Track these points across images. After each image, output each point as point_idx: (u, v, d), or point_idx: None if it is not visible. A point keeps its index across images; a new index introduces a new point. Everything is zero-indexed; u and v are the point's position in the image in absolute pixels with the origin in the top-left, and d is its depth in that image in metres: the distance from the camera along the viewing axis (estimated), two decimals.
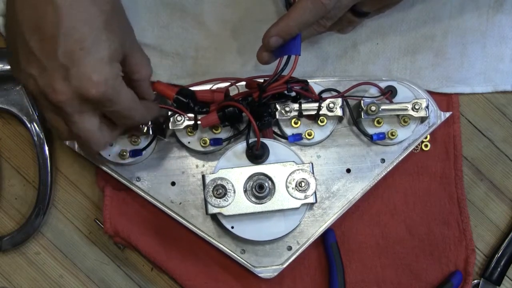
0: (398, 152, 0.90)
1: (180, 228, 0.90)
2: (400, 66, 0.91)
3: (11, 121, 0.94)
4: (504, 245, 0.91)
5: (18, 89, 0.91)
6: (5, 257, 0.93)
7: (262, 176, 0.85)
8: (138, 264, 0.93)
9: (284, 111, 0.86)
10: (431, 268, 0.91)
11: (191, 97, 0.85)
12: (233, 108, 0.84)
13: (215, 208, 0.84)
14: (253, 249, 0.89)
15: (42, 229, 0.93)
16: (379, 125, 0.88)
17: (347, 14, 0.84)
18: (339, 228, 0.91)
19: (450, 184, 0.91)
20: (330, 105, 0.86)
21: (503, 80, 0.92)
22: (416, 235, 0.91)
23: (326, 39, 0.91)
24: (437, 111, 0.90)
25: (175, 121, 0.86)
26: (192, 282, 0.90)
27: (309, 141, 0.88)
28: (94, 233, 0.93)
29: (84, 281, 0.93)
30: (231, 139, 0.88)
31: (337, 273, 0.89)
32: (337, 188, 0.89)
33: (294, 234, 0.89)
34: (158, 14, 0.91)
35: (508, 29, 0.91)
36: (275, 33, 0.80)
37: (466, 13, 0.91)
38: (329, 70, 0.92)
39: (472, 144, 0.93)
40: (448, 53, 0.91)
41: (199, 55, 0.92)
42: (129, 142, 0.88)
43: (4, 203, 0.94)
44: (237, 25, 0.91)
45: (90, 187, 0.93)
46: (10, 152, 0.94)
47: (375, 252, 0.91)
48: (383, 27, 0.91)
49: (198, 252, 0.91)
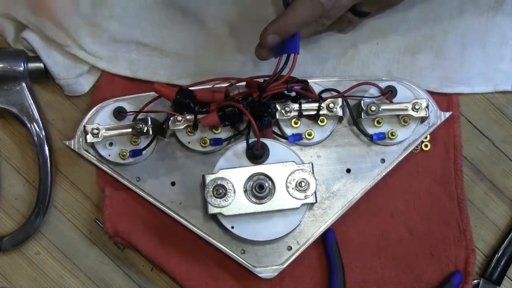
0: (398, 152, 0.90)
1: (180, 228, 0.90)
2: (400, 66, 0.91)
3: (11, 121, 0.94)
4: (504, 245, 0.91)
5: (18, 89, 0.91)
6: (5, 257, 0.93)
7: (262, 176, 0.85)
8: (138, 264, 0.93)
9: (284, 111, 0.86)
10: (431, 268, 0.91)
11: (191, 97, 0.85)
12: (233, 108, 0.84)
13: (215, 208, 0.84)
14: (253, 249, 0.89)
15: (42, 229, 0.93)
16: (379, 125, 0.88)
17: (347, 14, 0.84)
18: (339, 228, 0.91)
19: (450, 184, 0.91)
20: (330, 105, 0.86)
21: (503, 80, 0.92)
22: (416, 235, 0.91)
23: (326, 39, 0.91)
24: (437, 111, 0.90)
25: (175, 121, 0.86)
26: (192, 282, 0.90)
27: (309, 141, 0.88)
28: (94, 233, 0.93)
29: (84, 281, 0.93)
30: (231, 139, 0.88)
31: (337, 273, 0.89)
32: (337, 188, 0.89)
33: (294, 234, 0.89)
34: (158, 14, 0.91)
35: (508, 29, 0.91)
36: (272, 31, 0.80)
37: (466, 13, 0.91)
38: (329, 70, 0.91)
39: (472, 144, 0.93)
40: (448, 53, 0.91)
41: (199, 55, 0.92)
42: (129, 142, 0.88)
43: (4, 203, 0.94)
44: (237, 25, 0.91)
45: (90, 187, 0.93)
46: (10, 152, 0.94)
47: (375, 252, 0.91)
48: (383, 27, 0.91)
49: (198, 252, 0.91)
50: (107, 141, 0.88)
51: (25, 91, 0.91)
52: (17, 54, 0.91)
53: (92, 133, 0.87)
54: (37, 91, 0.93)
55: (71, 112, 0.94)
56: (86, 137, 0.87)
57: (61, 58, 0.91)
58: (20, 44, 0.92)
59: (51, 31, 0.90)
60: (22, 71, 0.90)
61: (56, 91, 0.94)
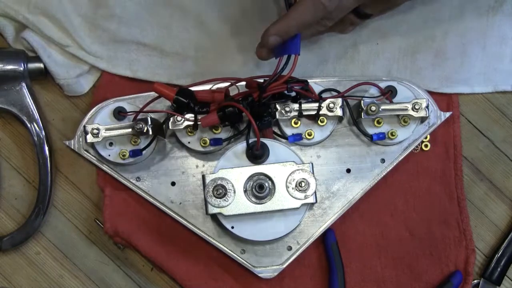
0: (398, 152, 0.90)
1: (180, 228, 0.90)
2: (400, 66, 0.91)
3: (11, 121, 0.94)
4: (504, 245, 0.91)
5: (18, 89, 0.91)
6: (5, 257, 0.93)
7: (262, 176, 0.85)
8: (138, 264, 0.93)
9: (284, 111, 0.86)
10: (431, 268, 0.90)
11: (191, 97, 0.85)
12: (233, 108, 0.84)
13: (215, 208, 0.84)
14: (253, 249, 0.89)
15: (42, 229, 0.93)
16: (379, 125, 0.88)
17: (349, 16, 0.84)
18: (339, 228, 0.91)
19: (450, 184, 0.91)
20: (330, 105, 0.86)
21: (503, 80, 0.92)
22: (416, 235, 0.91)
23: (326, 39, 0.91)
24: (437, 111, 0.90)
25: (175, 121, 0.86)
26: (192, 282, 0.90)
27: (309, 141, 0.88)
28: (94, 233, 0.93)
29: (84, 281, 0.93)
30: (231, 139, 0.88)
31: (337, 273, 0.89)
32: (337, 188, 0.89)
33: (294, 234, 0.89)
34: (158, 14, 0.91)
35: (508, 29, 0.91)
36: (274, 32, 0.80)
37: (466, 13, 0.91)
38: (329, 70, 0.91)
39: (472, 144, 0.93)
40: (448, 53, 0.91)
41: (199, 55, 0.92)
42: (129, 142, 0.88)
43: (4, 203, 0.94)
44: (237, 25, 0.91)
45: (90, 187, 0.93)
46: (10, 152, 0.94)
47: (375, 252, 0.91)
48: (383, 27, 0.91)
49: (198, 252, 0.91)
50: (107, 141, 0.88)
51: (25, 91, 0.91)
52: (17, 54, 0.91)
53: (92, 133, 0.87)
54: (37, 91, 0.93)
55: (71, 112, 0.94)
56: (86, 137, 0.87)
57: (61, 58, 0.91)
58: (20, 44, 0.92)
59: (51, 31, 0.90)
60: (22, 71, 0.90)
61: (56, 91, 0.94)
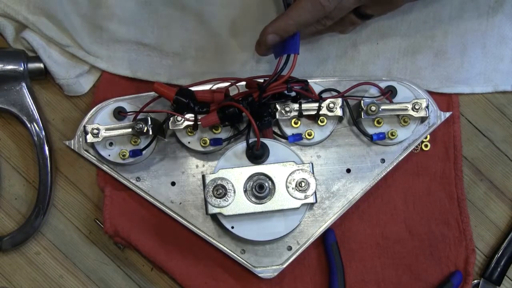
0: (398, 152, 0.90)
1: (180, 228, 0.90)
2: (400, 66, 0.91)
3: (11, 121, 0.94)
4: (504, 245, 0.91)
5: (18, 89, 0.91)
6: (5, 257, 0.93)
7: (262, 176, 0.85)
8: (138, 264, 0.93)
9: (284, 111, 0.86)
10: (431, 268, 0.90)
11: (191, 97, 0.85)
12: (233, 108, 0.84)
13: (215, 208, 0.84)
14: (253, 249, 0.89)
15: (42, 229, 0.93)
16: (379, 125, 0.88)
17: (350, 16, 0.84)
18: (339, 228, 0.91)
19: (450, 184, 0.91)
20: (330, 105, 0.86)
21: (503, 80, 0.92)
22: (416, 235, 0.91)
23: (326, 39, 0.91)
24: (437, 111, 0.90)
25: (175, 121, 0.86)
26: (192, 282, 0.90)
27: (309, 141, 0.88)
28: (94, 233, 0.93)
29: (84, 281, 0.93)
30: (231, 139, 0.88)
31: (337, 273, 0.89)
32: (337, 188, 0.89)
33: (294, 234, 0.89)
34: (158, 14, 0.91)
35: (508, 29, 0.91)
36: (272, 31, 0.80)
37: (466, 13, 0.91)
38: (329, 70, 0.91)
39: (472, 144, 0.93)
40: (448, 53, 0.91)
41: (199, 55, 0.92)
42: (129, 142, 0.88)
43: (4, 203, 0.94)
44: (237, 25, 0.91)
45: (90, 187, 0.93)
46: (10, 152, 0.94)
47: (375, 252, 0.91)
48: (383, 27, 0.91)
49: (198, 252, 0.91)
50: (107, 141, 0.88)
51: (25, 91, 0.91)
52: (17, 54, 0.91)
53: (92, 133, 0.87)
54: (37, 91, 0.93)
55: (71, 112, 0.94)
56: (86, 137, 0.87)
57: (61, 58, 0.91)
58: (20, 44, 0.92)
59: (51, 31, 0.90)
60: (22, 71, 0.90)
61: (56, 91, 0.94)
